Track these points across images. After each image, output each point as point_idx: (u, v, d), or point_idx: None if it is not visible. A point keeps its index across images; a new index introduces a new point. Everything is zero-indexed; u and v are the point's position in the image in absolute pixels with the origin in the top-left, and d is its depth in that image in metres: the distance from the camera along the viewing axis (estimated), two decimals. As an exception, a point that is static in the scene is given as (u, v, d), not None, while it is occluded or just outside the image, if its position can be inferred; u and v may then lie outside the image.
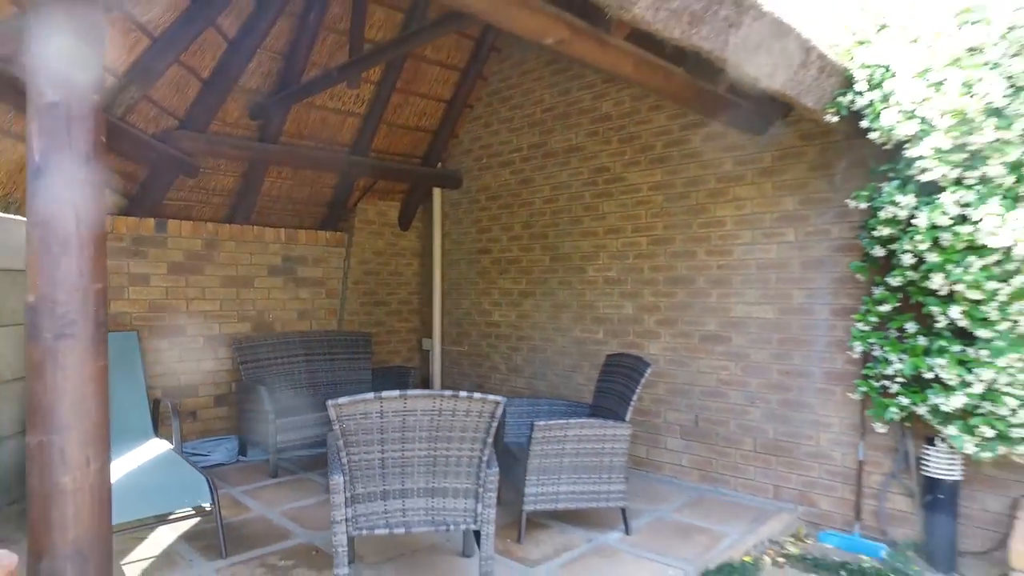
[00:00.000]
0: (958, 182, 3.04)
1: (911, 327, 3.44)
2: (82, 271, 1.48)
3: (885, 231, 3.35)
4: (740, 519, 4.07)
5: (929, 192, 3.14)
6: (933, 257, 3.14)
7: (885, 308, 3.51)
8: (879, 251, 3.49)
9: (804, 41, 2.91)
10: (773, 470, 4.36)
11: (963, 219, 3.00)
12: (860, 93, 3.29)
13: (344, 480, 2.69)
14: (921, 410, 3.36)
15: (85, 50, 1.53)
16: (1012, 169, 2.90)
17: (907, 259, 3.28)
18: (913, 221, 3.18)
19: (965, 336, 3.21)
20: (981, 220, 2.91)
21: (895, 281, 3.41)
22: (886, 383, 3.55)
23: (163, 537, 3.72)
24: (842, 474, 4.04)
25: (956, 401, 3.14)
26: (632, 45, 2.99)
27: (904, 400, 3.42)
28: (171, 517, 3.66)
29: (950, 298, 3.20)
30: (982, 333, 3.08)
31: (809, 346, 4.18)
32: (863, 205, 3.53)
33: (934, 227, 3.09)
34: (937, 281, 3.15)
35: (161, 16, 4.02)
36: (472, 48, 5.99)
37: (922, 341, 3.37)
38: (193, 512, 3.63)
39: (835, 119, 3.42)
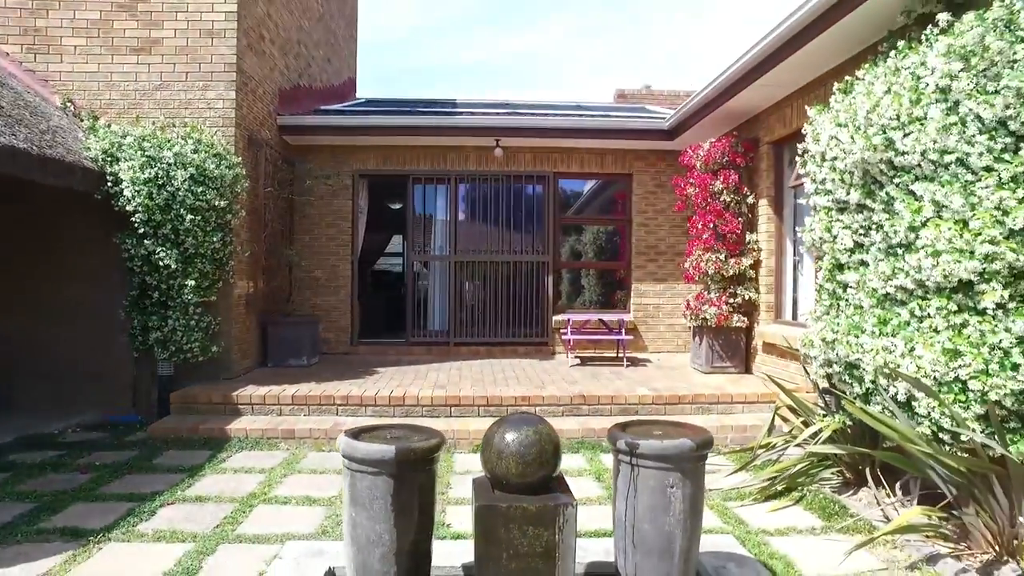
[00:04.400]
0: (153, 235, 6.63)
1: (142, 302, 6.94)
2: None
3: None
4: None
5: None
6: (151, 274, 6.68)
7: (134, 293, 6.93)
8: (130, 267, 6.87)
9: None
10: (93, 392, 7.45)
11: (154, 253, 6.60)
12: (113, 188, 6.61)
13: None
14: (150, 342, 6.89)
15: None
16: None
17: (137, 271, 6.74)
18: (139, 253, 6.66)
19: (164, 307, 6.87)
20: (160, 255, 6.54)
21: (136, 281, 6.86)
22: (135, 331, 6.99)
23: None
24: (130, 386, 7.39)
25: (156, 336, 6.78)
26: None
27: (134, 340, 6.93)
28: None
29: (156, 287, 6.77)
30: (171, 304, 6.77)
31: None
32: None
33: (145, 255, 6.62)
34: (140, 283, 6.70)
35: None
36: None
37: (147, 310, 6.90)
38: None
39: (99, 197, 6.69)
